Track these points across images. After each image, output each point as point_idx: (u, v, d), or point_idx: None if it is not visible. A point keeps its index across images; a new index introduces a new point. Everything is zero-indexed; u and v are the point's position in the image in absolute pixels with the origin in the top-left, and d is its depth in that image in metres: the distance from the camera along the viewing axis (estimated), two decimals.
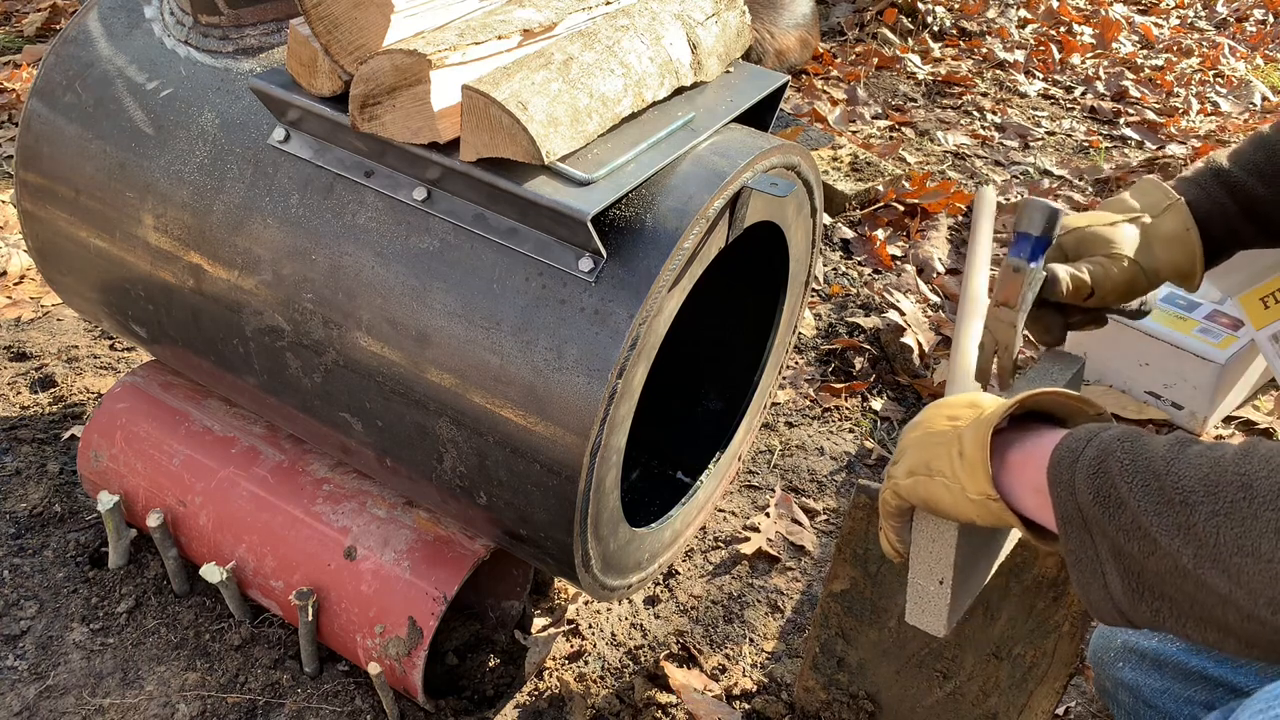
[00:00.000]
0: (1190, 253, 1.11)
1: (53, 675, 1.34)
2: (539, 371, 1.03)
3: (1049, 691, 1.13)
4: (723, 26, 1.21)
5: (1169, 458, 0.73)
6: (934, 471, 0.87)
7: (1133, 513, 0.72)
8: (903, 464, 0.90)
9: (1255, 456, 0.69)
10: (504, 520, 1.16)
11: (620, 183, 1.01)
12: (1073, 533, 0.77)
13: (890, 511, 0.94)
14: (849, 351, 2.12)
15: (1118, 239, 1.12)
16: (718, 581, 1.59)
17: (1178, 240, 1.11)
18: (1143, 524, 0.71)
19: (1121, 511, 0.73)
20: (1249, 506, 0.67)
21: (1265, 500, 0.67)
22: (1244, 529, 0.67)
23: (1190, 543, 0.69)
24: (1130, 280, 1.10)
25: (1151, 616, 0.74)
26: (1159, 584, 0.72)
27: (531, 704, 1.36)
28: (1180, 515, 0.70)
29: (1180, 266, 1.11)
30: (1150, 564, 0.72)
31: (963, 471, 0.84)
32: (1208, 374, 1.91)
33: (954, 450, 0.86)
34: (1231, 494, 0.68)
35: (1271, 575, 0.65)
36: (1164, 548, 0.70)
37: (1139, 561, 0.72)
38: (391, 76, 0.98)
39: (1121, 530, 0.73)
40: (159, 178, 1.23)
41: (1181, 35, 4.40)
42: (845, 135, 3.06)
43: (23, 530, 1.53)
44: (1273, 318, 1.69)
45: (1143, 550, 0.72)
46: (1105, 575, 0.75)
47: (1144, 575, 0.73)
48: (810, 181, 1.33)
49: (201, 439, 1.43)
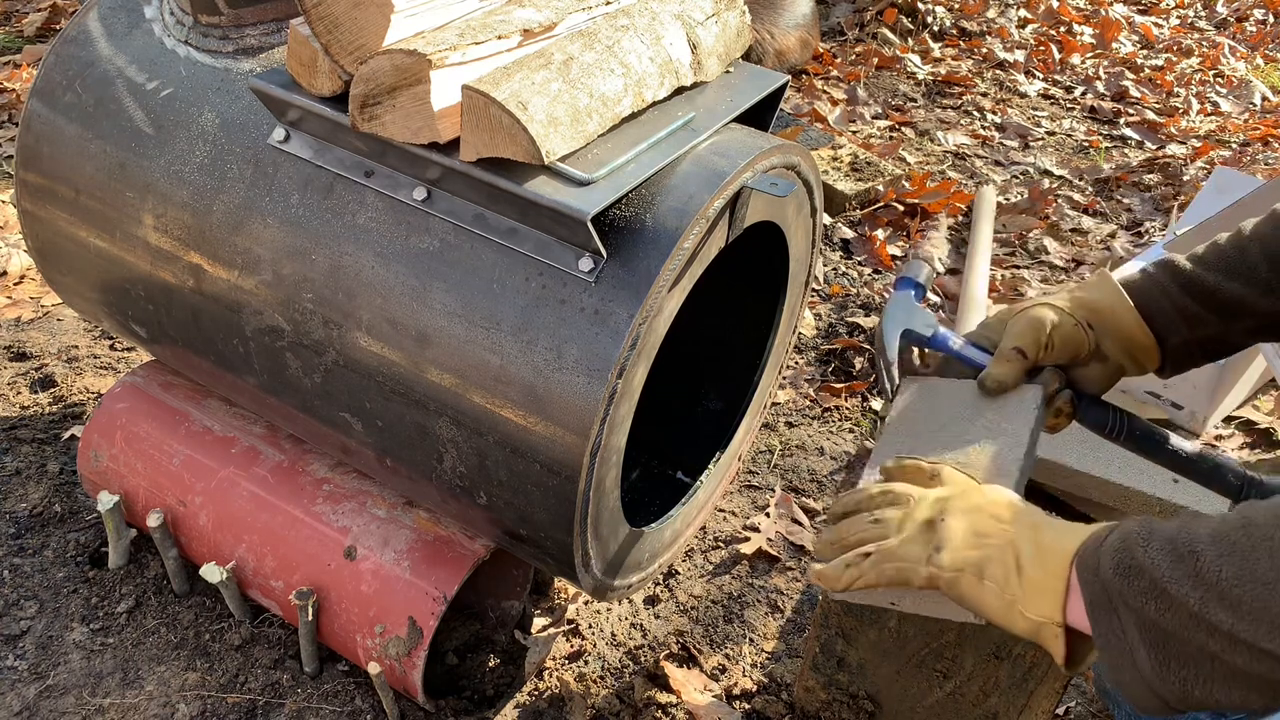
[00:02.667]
0: (1111, 292, 1.13)
1: (53, 675, 1.34)
2: (539, 371, 1.03)
3: (1049, 691, 1.13)
4: (723, 26, 1.21)
5: (1182, 524, 0.78)
6: (985, 577, 0.87)
7: (1149, 575, 0.76)
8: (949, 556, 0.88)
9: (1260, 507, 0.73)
10: (504, 520, 1.16)
11: (620, 183, 1.00)
12: (1100, 615, 0.80)
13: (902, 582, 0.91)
14: (849, 351, 2.12)
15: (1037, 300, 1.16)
16: (718, 581, 1.59)
17: (1095, 285, 1.16)
18: (1157, 581, 0.75)
19: (1140, 577, 0.77)
20: (1248, 540, 0.72)
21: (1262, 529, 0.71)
22: (1244, 561, 0.71)
23: (1198, 586, 0.73)
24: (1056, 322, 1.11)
25: (1180, 688, 0.76)
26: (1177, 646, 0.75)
27: (531, 704, 1.36)
28: (1189, 565, 0.74)
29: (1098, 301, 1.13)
30: (1166, 621, 0.75)
31: (1021, 588, 0.85)
32: (1207, 374, 1.91)
33: (1010, 561, 0.86)
34: (1234, 535, 0.73)
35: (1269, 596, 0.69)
36: (1175, 597, 0.74)
37: (1157, 624, 0.76)
38: (391, 76, 0.98)
39: (1140, 594, 0.76)
40: (159, 178, 1.22)
41: (1181, 35, 4.41)
42: (845, 135, 3.06)
43: (23, 530, 1.53)
44: None
45: (1159, 609, 0.75)
46: (1134, 654, 0.78)
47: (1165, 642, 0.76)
48: (810, 181, 1.33)
49: (201, 439, 1.43)
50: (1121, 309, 1.13)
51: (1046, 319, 1.12)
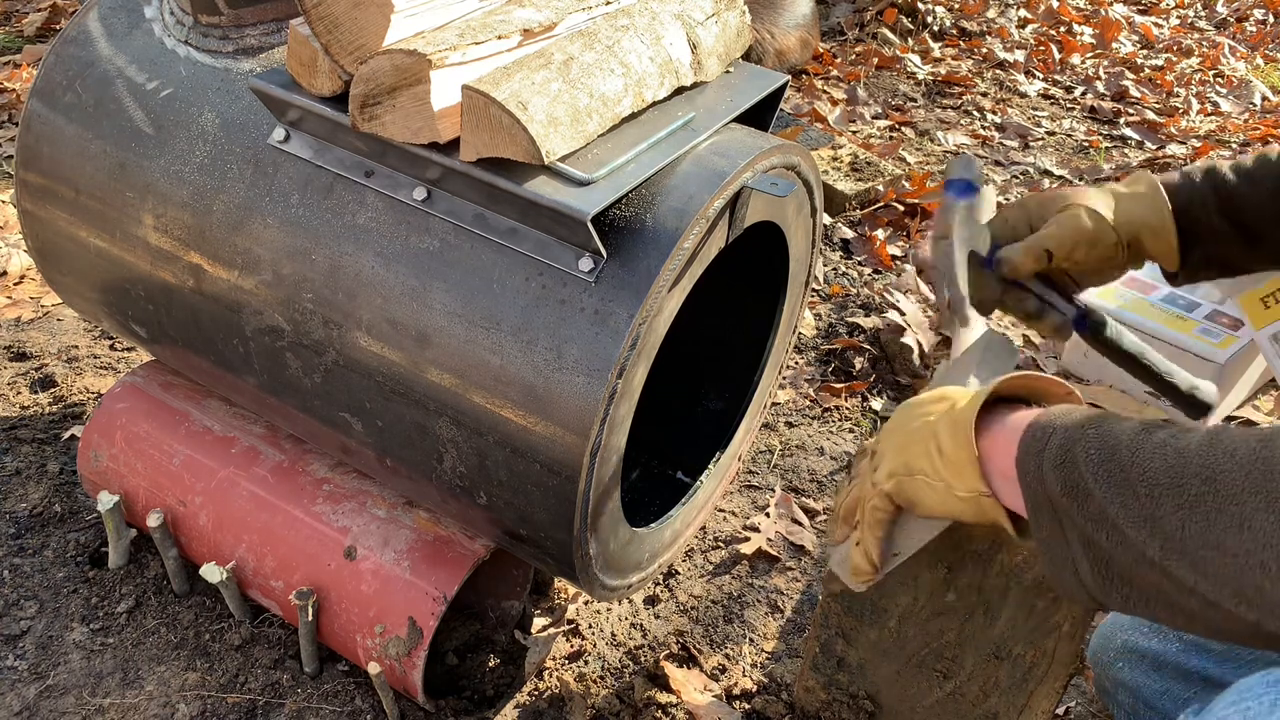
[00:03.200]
0: (1156, 207, 1.07)
1: (53, 675, 1.34)
2: (539, 371, 1.03)
3: (1049, 691, 1.13)
4: (723, 26, 1.21)
5: (1134, 446, 0.72)
6: (914, 471, 0.87)
7: (1099, 503, 0.72)
8: (883, 467, 0.89)
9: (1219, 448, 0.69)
10: (504, 520, 1.16)
11: (620, 183, 1.01)
12: (1044, 521, 0.77)
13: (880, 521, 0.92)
14: (849, 351, 2.12)
15: (1076, 194, 1.09)
16: (718, 581, 1.59)
17: (1140, 195, 1.09)
18: (1109, 514, 0.72)
19: (1089, 501, 0.73)
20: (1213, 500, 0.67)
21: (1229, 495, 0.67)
22: (1209, 523, 0.67)
23: (1156, 535, 0.69)
24: (1091, 229, 1.06)
25: (1122, 603, 0.74)
26: (1127, 573, 0.72)
27: (531, 704, 1.36)
28: (1146, 507, 0.70)
29: (1147, 219, 1.07)
30: (1119, 553, 0.72)
31: (946, 469, 0.84)
32: (1208, 374, 1.91)
33: (931, 447, 0.85)
34: (1196, 486, 0.68)
35: (1236, 569, 0.66)
36: (1131, 539, 0.71)
37: (1107, 551, 0.73)
38: (391, 76, 0.98)
39: (1089, 519, 0.73)
40: (159, 178, 1.23)
41: (1181, 35, 4.40)
42: (845, 135, 3.06)
43: (23, 530, 1.53)
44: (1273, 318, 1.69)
45: (1111, 540, 0.72)
46: (1076, 563, 0.75)
47: (1112, 564, 0.73)
48: (810, 181, 1.33)
49: (201, 439, 1.43)
50: (1166, 231, 1.08)
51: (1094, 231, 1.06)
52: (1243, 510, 0.66)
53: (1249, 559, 0.65)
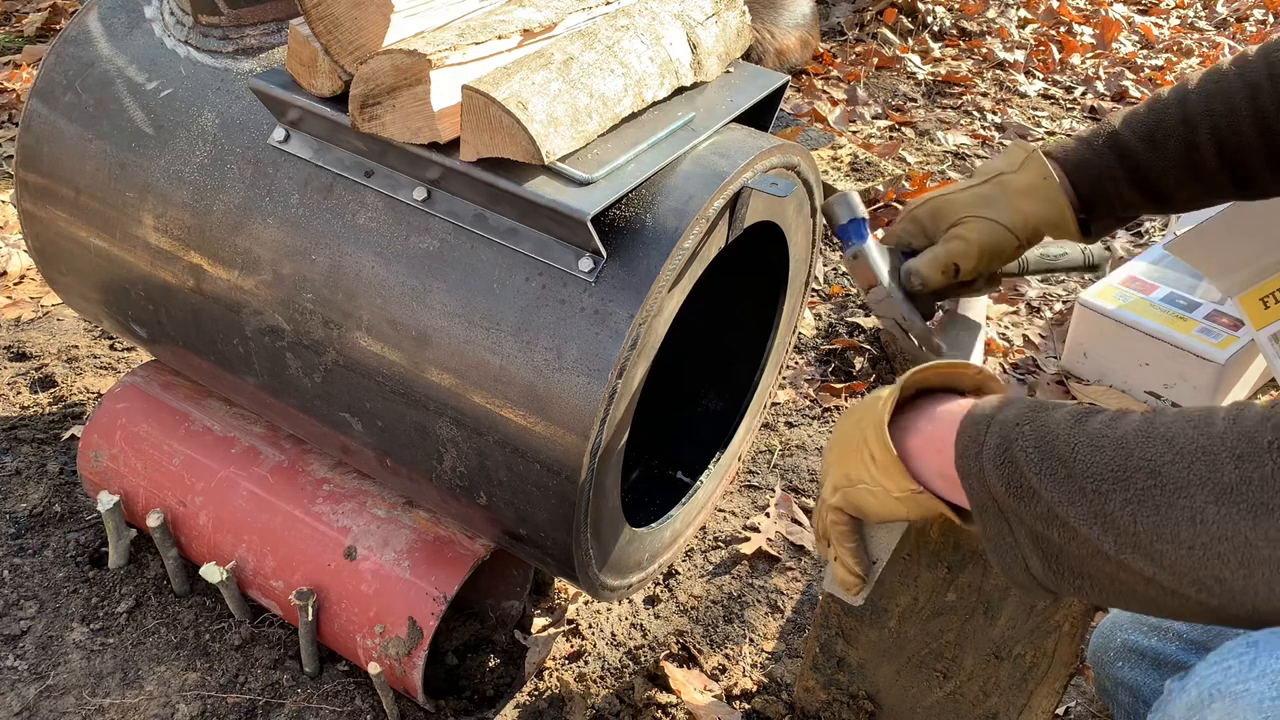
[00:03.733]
0: (1051, 200, 1.09)
1: (53, 675, 1.34)
2: (539, 371, 1.03)
3: (1049, 691, 1.13)
4: (723, 26, 1.21)
5: (1071, 440, 0.72)
6: (854, 480, 0.88)
7: (1047, 503, 0.72)
8: (828, 482, 0.92)
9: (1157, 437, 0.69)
10: (504, 520, 1.16)
11: (620, 183, 1.01)
12: (990, 521, 0.77)
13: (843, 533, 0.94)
14: (849, 351, 2.12)
15: (971, 202, 1.10)
16: (718, 581, 1.59)
17: (1035, 190, 1.10)
18: (1059, 513, 0.71)
19: (1036, 501, 0.73)
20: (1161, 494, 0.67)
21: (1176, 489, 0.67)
22: (1160, 517, 0.67)
23: (1109, 531, 0.69)
24: (994, 241, 1.08)
25: (1075, 592, 0.74)
26: (1080, 565, 0.72)
27: (531, 704, 1.36)
28: (1095, 504, 0.70)
29: (1046, 216, 1.09)
30: (1071, 548, 0.72)
31: (879, 473, 0.85)
32: (1208, 374, 1.91)
33: (865, 455, 0.87)
34: (1142, 480, 0.68)
35: (1194, 561, 0.66)
36: (1083, 535, 0.71)
37: (1058, 546, 0.73)
38: (391, 76, 0.98)
39: (1039, 519, 0.73)
40: (159, 178, 1.23)
41: (1181, 35, 4.40)
42: (845, 135, 3.06)
43: (23, 530, 1.53)
44: (1273, 318, 1.70)
45: (1062, 536, 0.72)
46: (1026, 559, 0.75)
47: (1064, 558, 0.73)
48: (810, 181, 1.33)
49: (201, 439, 1.43)
50: (1065, 221, 1.10)
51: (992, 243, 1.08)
52: (1192, 504, 0.66)
53: (1205, 551, 0.65)
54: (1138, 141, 1.09)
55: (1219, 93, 1.06)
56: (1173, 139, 1.07)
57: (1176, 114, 1.08)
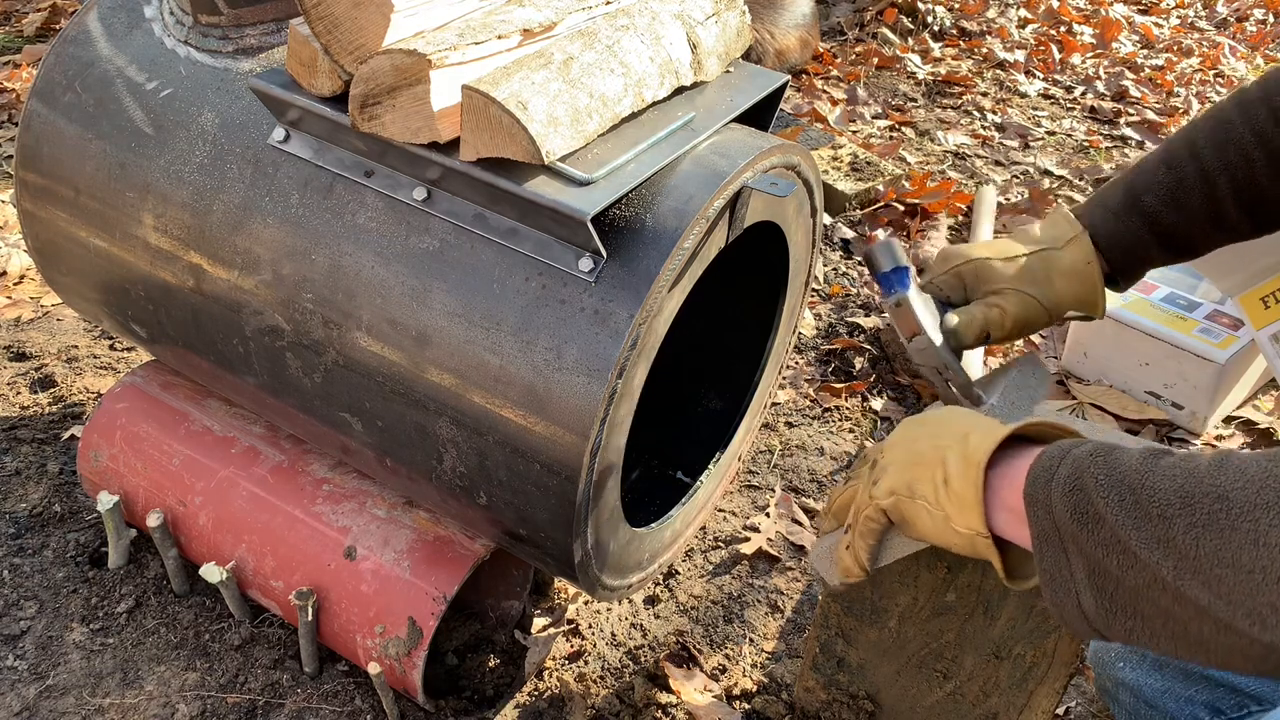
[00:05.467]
0: (1090, 285, 1.14)
1: (53, 675, 1.34)
2: (539, 371, 1.03)
3: (1049, 691, 1.13)
4: (723, 26, 1.21)
5: (1143, 470, 0.73)
6: (916, 495, 0.87)
7: (1111, 528, 0.72)
8: (884, 483, 0.90)
9: (1229, 468, 0.69)
10: (504, 520, 1.16)
11: (620, 183, 1.00)
12: (1048, 551, 0.77)
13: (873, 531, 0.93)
14: (849, 351, 2.12)
15: (1015, 276, 1.15)
16: (718, 581, 1.59)
17: (1077, 274, 1.14)
18: (1121, 538, 0.72)
19: (1100, 527, 0.73)
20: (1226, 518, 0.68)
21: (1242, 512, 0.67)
22: (1223, 540, 0.67)
23: (1170, 555, 0.69)
24: (1028, 315, 1.13)
25: (1125, 633, 0.74)
26: (1134, 601, 0.72)
27: (531, 704, 1.36)
28: (1159, 528, 0.70)
29: (1081, 297, 1.14)
30: (1128, 578, 0.72)
31: (949, 501, 0.84)
32: (1208, 374, 1.91)
33: (938, 476, 0.86)
34: (1208, 505, 0.69)
35: (1252, 586, 0.66)
36: (1143, 560, 0.71)
37: (1115, 578, 0.73)
38: (391, 76, 0.98)
39: (1100, 545, 0.73)
40: (159, 178, 1.23)
41: (1181, 35, 4.40)
42: (845, 135, 3.06)
43: (23, 530, 1.53)
44: (1273, 318, 1.69)
45: (1121, 565, 0.72)
46: (1079, 594, 0.75)
47: (1119, 592, 0.73)
48: (810, 181, 1.33)
49: (201, 439, 1.43)
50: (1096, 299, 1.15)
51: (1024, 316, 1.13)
52: (1256, 527, 0.66)
53: (1265, 575, 0.65)
54: (1162, 207, 1.12)
55: (1230, 142, 1.09)
56: (1194, 198, 1.11)
57: (1194, 171, 1.11)
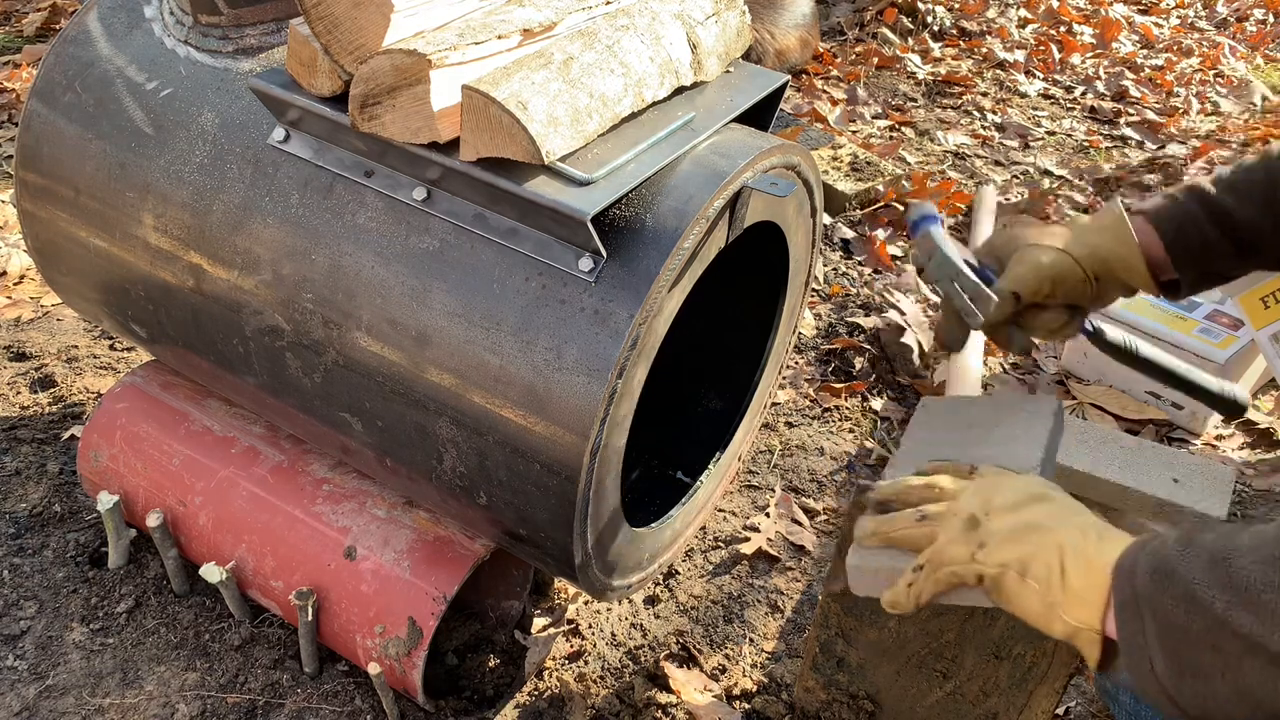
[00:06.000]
0: (1120, 236, 1.10)
1: (53, 675, 1.34)
2: (539, 371, 1.03)
3: (1049, 691, 1.13)
4: (723, 26, 1.21)
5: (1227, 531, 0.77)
6: (1027, 574, 0.84)
7: (1182, 580, 0.75)
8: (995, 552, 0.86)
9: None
10: (504, 520, 1.16)
11: (620, 183, 1.00)
12: (1127, 617, 0.78)
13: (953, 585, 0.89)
14: (849, 351, 2.12)
15: (1039, 234, 1.12)
16: (718, 581, 1.59)
17: (1104, 227, 1.11)
18: (1188, 587, 0.74)
19: (1172, 582, 0.75)
20: None
21: None
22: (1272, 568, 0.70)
23: (1226, 589, 0.72)
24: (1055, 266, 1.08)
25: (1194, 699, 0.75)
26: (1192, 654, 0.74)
27: (531, 704, 1.36)
28: (1222, 571, 0.73)
29: (1112, 249, 1.10)
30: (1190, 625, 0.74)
31: (1064, 595, 0.82)
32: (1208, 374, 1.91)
33: (1054, 563, 0.83)
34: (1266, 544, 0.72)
35: None
36: (1202, 601, 0.73)
37: (1178, 628, 0.75)
38: (391, 76, 0.98)
39: (1169, 598, 0.75)
40: (159, 178, 1.22)
41: (1181, 35, 4.40)
42: (845, 135, 3.06)
43: (23, 530, 1.53)
44: (1273, 318, 1.69)
45: (1186, 614, 0.74)
46: (1152, 659, 0.77)
47: (1183, 649, 0.75)
48: (810, 181, 1.33)
49: (201, 439, 1.43)
50: (1133, 259, 1.10)
51: (1053, 268, 1.09)
52: None
53: None
54: (1221, 191, 1.11)
55: None
56: (1258, 189, 1.09)
57: (1261, 169, 1.10)
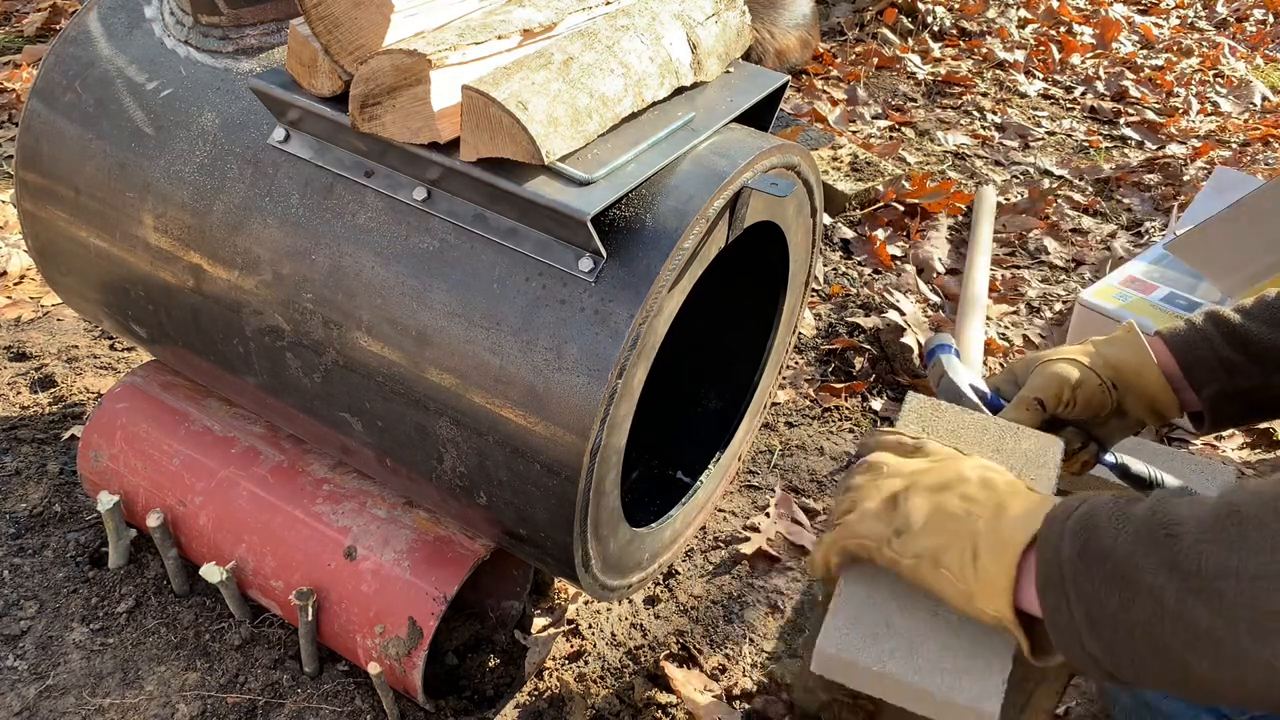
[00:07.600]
0: (1133, 347, 1.14)
1: (53, 675, 1.34)
2: (539, 371, 1.03)
3: (1049, 691, 1.13)
4: (723, 26, 1.21)
5: (1155, 506, 0.73)
6: (941, 565, 0.83)
7: (1116, 561, 0.71)
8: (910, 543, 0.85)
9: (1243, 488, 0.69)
10: (504, 520, 1.16)
11: (620, 183, 1.00)
12: (1051, 596, 0.76)
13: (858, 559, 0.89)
14: (849, 351, 2.12)
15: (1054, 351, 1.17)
16: (718, 581, 1.59)
17: (1116, 339, 1.16)
18: (1126, 571, 0.70)
19: (1104, 562, 0.72)
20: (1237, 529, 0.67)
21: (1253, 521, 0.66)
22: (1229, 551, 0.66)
23: (1175, 575, 0.68)
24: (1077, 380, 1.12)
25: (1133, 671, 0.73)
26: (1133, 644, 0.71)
27: (531, 704, 1.36)
28: (1165, 550, 0.69)
29: (1125, 359, 1.13)
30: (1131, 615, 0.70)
31: (977, 581, 0.81)
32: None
33: (967, 552, 0.82)
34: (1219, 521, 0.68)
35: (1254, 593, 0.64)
36: (1146, 586, 0.69)
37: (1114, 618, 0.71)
38: (391, 76, 0.98)
39: (1104, 581, 0.72)
40: (159, 178, 1.23)
41: (1181, 35, 4.40)
42: (845, 135, 3.06)
43: (23, 530, 1.53)
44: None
45: (1122, 601, 0.71)
46: (1082, 637, 0.74)
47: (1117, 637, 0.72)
48: (810, 181, 1.33)
49: (201, 439, 1.43)
50: (1148, 369, 1.13)
51: (1071, 376, 1.12)
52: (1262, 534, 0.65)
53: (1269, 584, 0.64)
54: (1232, 311, 1.14)
55: None
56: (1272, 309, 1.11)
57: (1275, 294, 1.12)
